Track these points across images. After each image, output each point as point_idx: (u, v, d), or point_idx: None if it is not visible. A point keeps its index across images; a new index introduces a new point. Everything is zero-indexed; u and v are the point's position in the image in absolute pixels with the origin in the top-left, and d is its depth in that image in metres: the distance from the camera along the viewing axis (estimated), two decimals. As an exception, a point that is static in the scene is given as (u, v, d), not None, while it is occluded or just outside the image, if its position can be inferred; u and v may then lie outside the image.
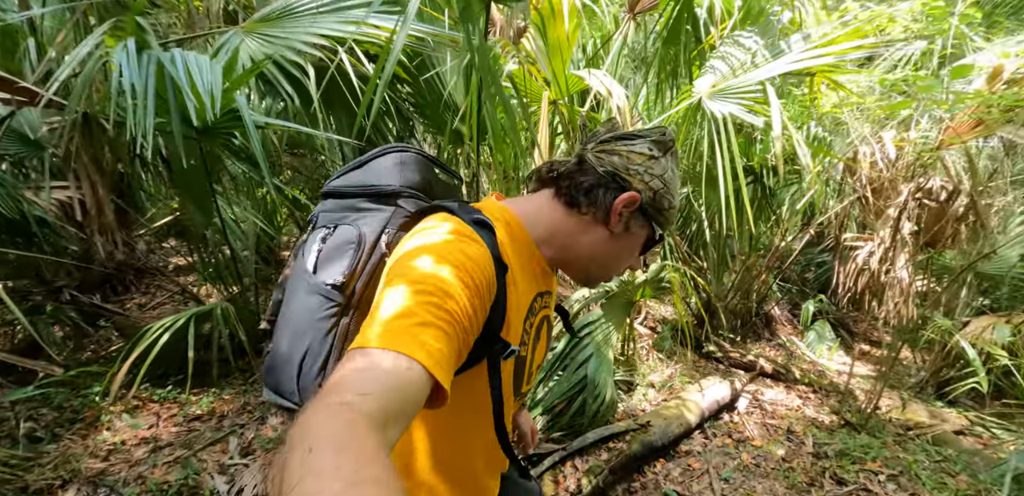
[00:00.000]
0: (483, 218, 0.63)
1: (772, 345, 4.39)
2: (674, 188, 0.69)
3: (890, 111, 2.64)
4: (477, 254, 0.57)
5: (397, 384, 0.43)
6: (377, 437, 0.37)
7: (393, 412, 0.41)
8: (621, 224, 0.68)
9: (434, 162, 0.78)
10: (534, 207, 0.70)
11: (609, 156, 0.67)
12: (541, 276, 0.72)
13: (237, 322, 2.60)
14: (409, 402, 0.43)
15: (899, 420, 3.13)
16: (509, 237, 0.66)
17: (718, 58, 2.34)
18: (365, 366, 0.44)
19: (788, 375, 3.48)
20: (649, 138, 0.68)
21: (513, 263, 0.64)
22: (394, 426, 0.41)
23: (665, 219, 0.70)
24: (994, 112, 2.35)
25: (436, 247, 0.56)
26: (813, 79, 2.40)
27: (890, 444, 2.51)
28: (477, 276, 0.54)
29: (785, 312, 5.03)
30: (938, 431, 3.02)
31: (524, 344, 0.69)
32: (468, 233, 0.59)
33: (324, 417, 0.37)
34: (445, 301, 0.50)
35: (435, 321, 0.49)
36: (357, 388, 0.41)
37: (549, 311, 0.79)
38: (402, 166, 0.72)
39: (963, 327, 3.86)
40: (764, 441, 2.41)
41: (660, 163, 0.67)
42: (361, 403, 0.40)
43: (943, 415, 3.39)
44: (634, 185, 0.66)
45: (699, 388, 2.55)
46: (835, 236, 3.60)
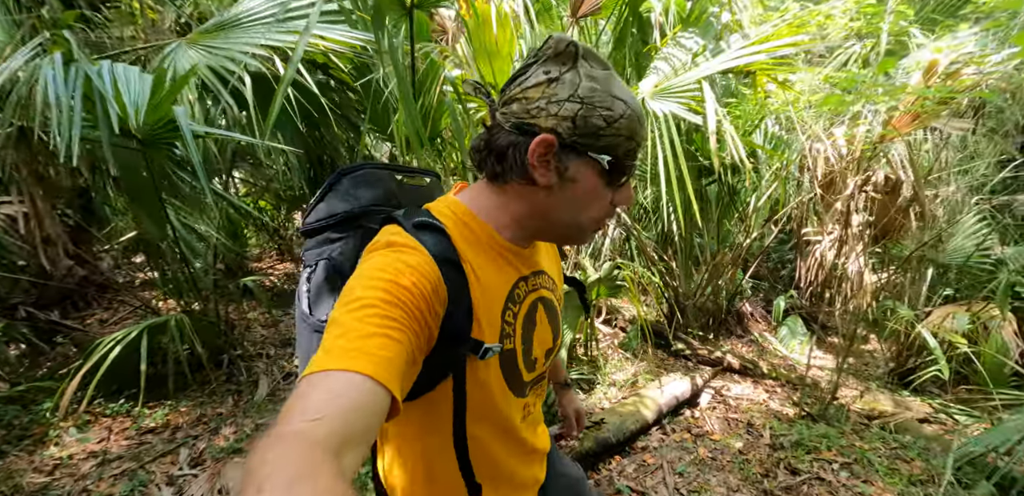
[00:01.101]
0: (426, 220, 0.61)
1: (744, 341, 4.43)
2: (602, 99, 0.57)
3: (833, 107, 2.71)
4: (415, 261, 0.55)
5: (347, 403, 0.41)
6: (331, 466, 0.35)
7: (347, 433, 0.40)
8: (551, 174, 0.59)
9: (396, 169, 0.77)
10: (476, 194, 0.66)
11: (509, 106, 0.59)
12: (517, 260, 0.68)
13: (193, 334, 2.58)
14: (365, 419, 0.42)
15: (862, 410, 3.18)
16: (461, 231, 0.63)
17: (661, 59, 2.39)
18: (310, 391, 0.42)
19: (756, 370, 3.52)
20: (541, 59, 0.59)
21: (470, 257, 0.61)
22: (352, 448, 0.40)
23: (608, 142, 0.59)
24: (928, 105, 2.42)
25: (370, 267, 0.55)
26: (756, 77, 2.46)
27: (848, 433, 2.55)
28: (417, 280, 0.53)
29: (758, 308, 5.09)
30: (900, 419, 3.07)
31: (508, 336, 0.66)
32: (404, 242, 0.58)
33: (275, 451, 0.36)
34: (388, 310, 0.50)
35: (378, 330, 0.48)
36: (305, 415, 0.39)
37: (546, 292, 0.74)
38: (356, 187, 0.72)
39: (926, 317, 3.95)
40: (723, 435, 2.43)
41: (565, 81, 0.57)
42: (311, 430, 0.38)
43: (907, 403, 3.45)
44: (542, 126, 0.57)
45: (659, 385, 2.58)
46: (796, 231, 3.67)
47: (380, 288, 0.51)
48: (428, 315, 0.54)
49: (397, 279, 0.52)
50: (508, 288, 0.66)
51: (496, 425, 0.69)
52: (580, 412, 1.07)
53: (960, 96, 2.26)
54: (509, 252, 0.66)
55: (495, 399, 0.66)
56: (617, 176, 0.62)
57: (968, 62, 2.26)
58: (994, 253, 4.09)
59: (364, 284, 0.52)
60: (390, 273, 0.53)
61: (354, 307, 0.49)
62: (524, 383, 0.71)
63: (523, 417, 0.74)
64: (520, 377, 0.70)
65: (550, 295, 0.75)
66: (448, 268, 0.58)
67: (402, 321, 0.50)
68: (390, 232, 0.60)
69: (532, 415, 0.78)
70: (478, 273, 0.62)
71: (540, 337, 0.72)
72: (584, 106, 0.57)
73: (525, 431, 0.75)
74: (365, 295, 0.50)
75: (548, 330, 0.74)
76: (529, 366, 0.71)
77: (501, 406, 0.67)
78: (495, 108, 0.62)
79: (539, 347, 0.72)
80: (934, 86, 2.47)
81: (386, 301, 0.50)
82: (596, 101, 0.57)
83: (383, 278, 0.52)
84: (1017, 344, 3.69)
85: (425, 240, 0.58)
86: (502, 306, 0.65)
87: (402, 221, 0.61)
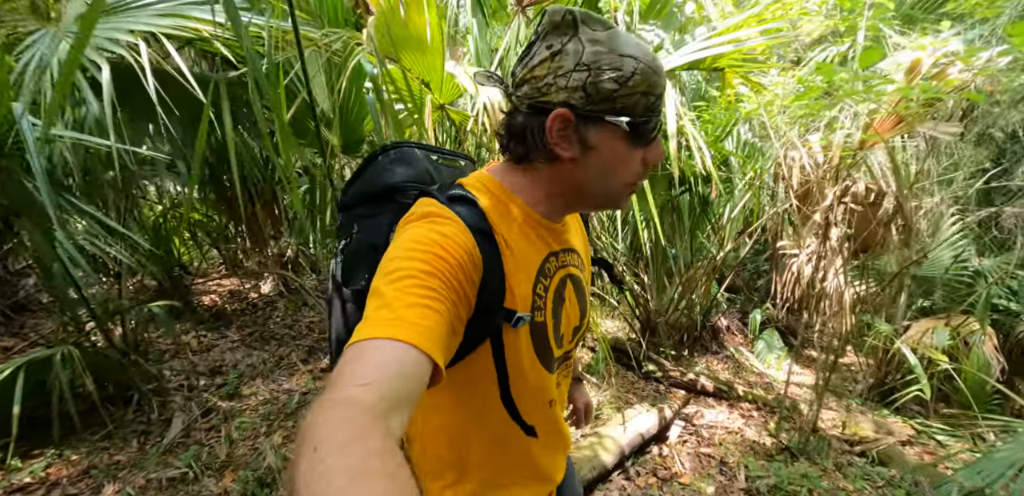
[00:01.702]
0: (460, 193, 0.62)
1: (720, 358, 4.21)
2: (610, 61, 0.56)
3: (809, 108, 2.49)
4: (451, 231, 0.56)
5: (393, 369, 0.43)
6: (380, 428, 0.37)
7: (394, 398, 0.41)
8: (573, 147, 0.60)
9: (432, 150, 0.78)
10: (505, 171, 0.67)
11: (521, 89, 0.60)
12: (549, 236, 0.69)
13: (84, 370, 2.20)
14: (410, 384, 0.43)
15: (844, 435, 2.96)
16: (493, 204, 0.63)
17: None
18: (358, 358, 0.44)
19: (731, 392, 3.27)
20: (541, 35, 0.59)
21: (503, 229, 0.62)
22: (398, 412, 0.41)
23: (625, 103, 0.57)
24: (913, 107, 2.21)
25: (407, 237, 0.56)
26: (724, 75, 2.21)
27: (830, 471, 2.31)
28: (454, 251, 0.54)
29: (735, 321, 4.89)
30: (883, 446, 2.86)
31: (539, 309, 0.66)
32: (440, 212, 0.58)
33: (326, 414, 0.37)
34: (426, 280, 0.51)
35: (420, 300, 0.49)
36: (353, 380, 0.41)
37: (575, 270, 0.74)
38: (393, 164, 0.73)
39: (904, 331, 3.78)
40: (693, 476, 2.16)
41: (567, 52, 0.56)
42: (360, 394, 0.40)
43: (889, 426, 3.24)
44: (554, 101, 0.57)
45: (622, 420, 2.29)
46: (771, 244, 3.45)
47: (419, 258, 0.52)
48: (466, 284, 0.55)
49: (434, 249, 0.53)
50: (539, 262, 0.67)
51: (530, 394, 0.70)
52: (589, 406, 1.08)
53: (947, 97, 2.05)
54: (540, 227, 0.67)
55: (526, 369, 0.67)
56: (641, 135, 0.60)
57: (954, 60, 2.05)
58: (972, 265, 3.96)
59: (403, 255, 0.53)
60: (427, 244, 0.54)
61: (394, 278, 0.51)
62: (554, 358, 0.72)
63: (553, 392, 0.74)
64: (551, 351, 0.70)
65: (579, 273, 0.75)
66: (482, 238, 0.59)
67: (441, 291, 0.51)
68: (425, 203, 0.61)
69: (561, 395, 0.78)
70: (511, 245, 0.63)
71: (568, 313, 0.72)
72: (591, 72, 0.56)
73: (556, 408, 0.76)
74: (404, 265, 0.52)
75: (576, 308, 0.74)
76: (558, 341, 0.72)
77: (531, 377, 0.68)
78: (510, 92, 0.62)
79: (567, 323, 0.73)
80: (918, 86, 2.26)
81: (425, 271, 0.51)
82: (603, 64, 0.56)
83: (421, 249, 0.53)
84: (998, 360, 3.53)
85: (460, 211, 0.59)
86: (534, 278, 0.65)
87: (436, 195, 0.62)
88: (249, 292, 4.47)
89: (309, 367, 3.22)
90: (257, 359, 3.31)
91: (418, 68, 1.96)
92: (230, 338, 3.68)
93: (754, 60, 2.19)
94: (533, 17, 2.30)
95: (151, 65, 1.64)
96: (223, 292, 4.54)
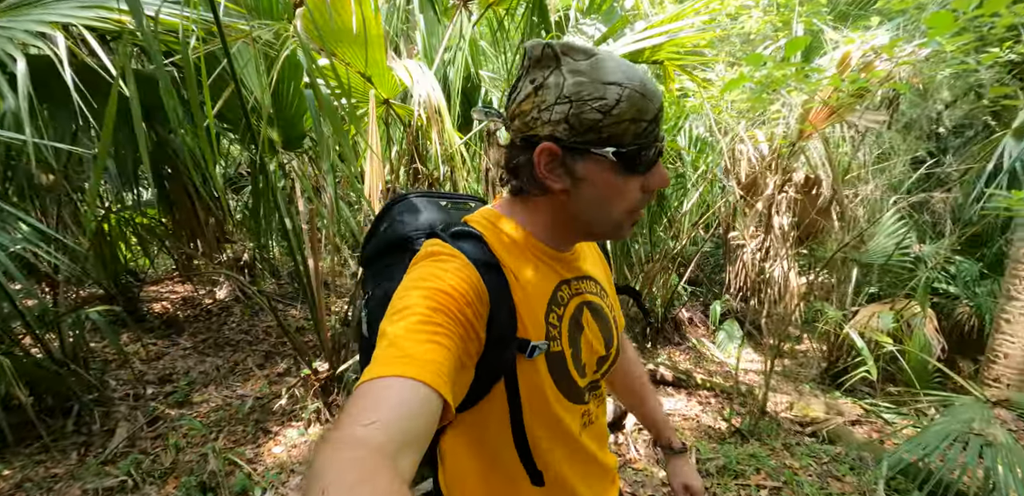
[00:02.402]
0: (463, 229, 0.63)
1: (682, 349, 4.30)
2: (591, 91, 0.55)
3: (752, 104, 2.57)
4: (454, 267, 0.57)
5: (401, 408, 0.42)
6: (389, 469, 0.37)
7: (403, 438, 0.41)
8: (563, 179, 0.60)
9: (439, 196, 0.80)
10: (508, 203, 0.68)
11: (513, 123, 0.61)
12: (556, 264, 0.68)
13: (17, 381, 2.10)
14: (419, 423, 0.43)
15: (795, 417, 3.06)
16: (497, 237, 0.64)
17: (561, 48, 2.15)
18: (365, 397, 0.44)
19: (689, 381, 3.35)
20: (526, 71, 0.59)
21: (509, 261, 0.62)
22: (407, 452, 0.41)
23: (612, 132, 0.56)
24: (843, 97, 2.31)
25: (412, 277, 0.57)
26: (664, 68, 2.26)
27: (779, 450, 2.38)
28: (459, 286, 0.55)
29: (697, 313, 5.00)
30: (832, 425, 2.97)
31: (554, 338, 0.65)
32: (443, 250, 0.60)
33: (333, 456, 0.37)
34: (432, 316, 0.51)
35: (426, 337, 0.49)
36: (360, 420, 0.41)
37: (593, 297, 0.72)
38: (403, 215, 0.75)
39: (853, 316, 3.94)
40: (647, 462, 2.20)
41: (549, 85, 0.56)
42: (367, 435, 0.40)
43: (839, 407, 3.36)
44: (540, 135, 0.58)
45: (578, 409, 2.31)
46: (724, 235, 3.55)
47: (423, 296, 0.53)
48: (473, 318, 0.55)
49: (438, 285, 0.54)
50: (550, 291, 0.66)
51: (552, 429, 0.67)
52: (694, 489, 0.94)
53: (875, 88, 2.14)
54: (546, 256, 0.67)
55: (549, 401, 0.65)
56: (633, 163, 0.59)
57: (880, 52, 2.15)
58: (913, 251, 4.16)
59: (408, 294, 0.54)
60: (431, 281, 0.54)
61: (400, 317, 0.51)
62: (579, 389, 0.69)
63: (583, 425, 0.71)
64: (573, 381, 0.68)
65: (598, 300, 0.73)
66: (487, 271, 0.59)
67: (447, 326, 0.51)
68: (430, 244, 0.62)
69: (595, 425, 0.74)
70: (518, 276, 0.63)
71: (588, 341, 0.70)
72: (572, 104, 0.56)
73: (587, 440, 0.72)
74: (410, 304, 0.52)
75: (598, 336, 0.72)
76: (580, 371, 0.69)
77: (556, 409, 0.66)
78: (508, 126, 0.63)
79: (588, 352, 0.70)
80: (847, 77, 2.36)
81: (431, 308, 0.51)
82: (585, 95, 0.55)
83: (425, 286, 0.54)
84: (938, 340, 3.71)
85: (463, 247, 0.60)
86: (545, 308, 0.65)
87: (440, 234, 0.63)
88: (203, 298, 4.34)
89: (265, 372, 3.14)
90: (210, 366, 3.21)
91: (359, 62, 1.94)
92: (182, 345, 3.55)
93: (695, 53, 2.24)
94: (479, 16, 2.31)
95: (70, 59, 1.58)
96: (176, 299, 4.39)
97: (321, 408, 2.32)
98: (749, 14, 2.43)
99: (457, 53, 2.12)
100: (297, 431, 2.35)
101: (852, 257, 3.59)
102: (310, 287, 2.25)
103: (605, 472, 0.78)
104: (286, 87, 1.98)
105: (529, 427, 0.64)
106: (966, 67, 1.96)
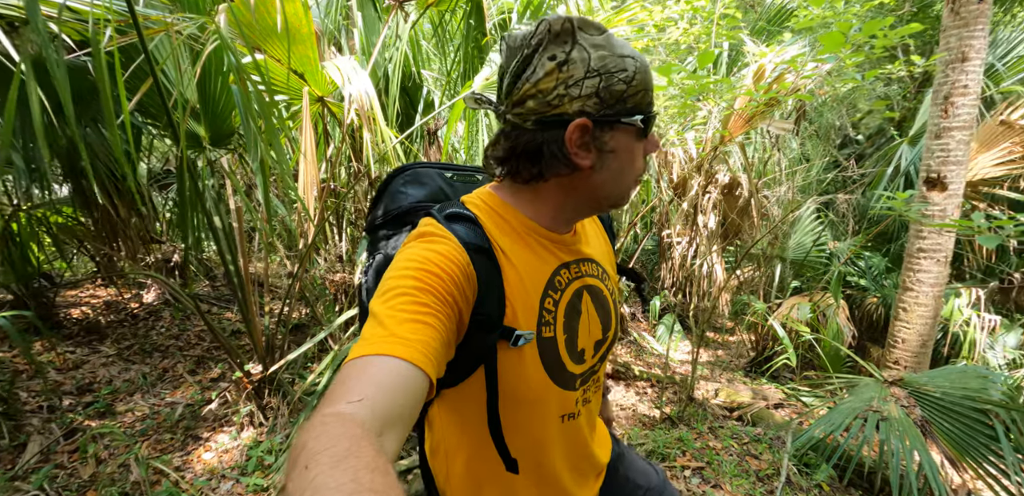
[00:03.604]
0: (457, 211, 0.62)
1: (624, 343, 4.48)
2: (615, 63, 0.56)
3: (681, 110, 2.73)
4: (445, 248, 0.57)
5: (386, 386, 0.43)
6: (372, 445, 0.37)
7: (388, 415, 0.42)
8: (592, 155, 0.60)
9: (445, 168, 0.79)
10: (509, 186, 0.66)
11: (523, 105, 0.58)
12: (556, 247, 0.67)
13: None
14: (403, 400, 0.43)
15: (724, 403, 3.28)
16: (493, 220, 0.64)
17: (496, 51, 2.21)
18: (352, 375, 0.44)
19: (628, 373, 3.50)
20: (542, 45, 0.56)
21: (505, 245, 0.62)
22: (391, 429, 0.42)
23: (635, 102, 0.58)
24: (755, 105, 2.50)
25: (401, 257, 0.57)
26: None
27: (704, 433, 2.55)
28: (447, 267, 0.55)
29: (639, 309, 5.22)
30: (756, 409, 3.20)
31: (547, 324, 0.64)
32: (435, 231, 0.60)
33: (318, 431, 0.37)
34: (419, 296, 0.51)
35: (413, 316, 0.49)
36: (346, 397, 0.41)
37: (593, 280, 0.71)
38: (406, 186, 0.76)
39: (777, 308, 4.26)
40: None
41: (574, 61, 0.56)
42: (353, 411, 0.40)
43: (764, 392, 3.63)
44: (569, 112, 0.57)
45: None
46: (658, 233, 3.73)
47: (411, 276, 0.53)
48: (459, 300, 0.55)
49: (426, 266, 0.54)
50: (548, 275, 0.65)
51: (534, 417, 0.67)
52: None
53: (784, 98, 2.34)
54: (546, 239, 0.66)
55: (533, 388, 0.64)
56: (647, 128, 0.62)
57: (789, 67, 2.35)
58: (828, 248, 4.55)
59: (397, 274, 0.54)
60: (420, 261, 0.55)
61: (388, 297, 0.52)
62: (571, 375, 0.68)
63: (574, 414, 0.71)
64: (564, 367, 0.67)
65: (598, 283, 0.72)
66: (479, 255, 0.59)
67: (434, 306, 0.51)
68: (423, 224, 0.62)
69: (587, 415, 0.74)
70: (513, 260, 0.62)
71: (586, 326, 0.70)
72: (602, 77, 0.56)
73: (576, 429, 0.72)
74: (398, 284, 0.53)
75: (596, 320, 0.71)
76: (575, 357, 0.69)
77: (542, 395, 0.65)
78: (504, 112, 0.61)
79: (585, 337, 0.70)
80: (758, 88, 2.56)
81: (418, 288, 0.52)
82: (611, 67, 0.56)
83: (414, 267, 0.54)
84: (850, 329, 4.08)
85: (456, 229, 0.60)
86: (541, 293, 0.64)
87: (435, 213, 0.63)
88: (129, 302, 4.08)
89: (197, 378, 3.01)
90: (136, 373, 3.03)
91: (288, 58, 1.91)
92: (104, 353, 3.33)
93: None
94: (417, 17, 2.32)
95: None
96: (97, 303, 4.10)
97: (254, 411, 2.27)
98: (675, 25, 2.58)
99: (395, 53, 2.13)
100: (229, 436, 2.28)
101: (775, 254, 3.87)
102: (241, 287, 2.19)
103: (592, 465, 0.78)
104: (213, 82, 1.92)
105: (505, 415, 0.64)
106: (854, 82, 2.19)
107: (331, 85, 2.13)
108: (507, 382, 0.62)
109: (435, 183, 0.77)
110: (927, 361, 3.46)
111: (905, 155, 3.70)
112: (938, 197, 3.03)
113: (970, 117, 2.79)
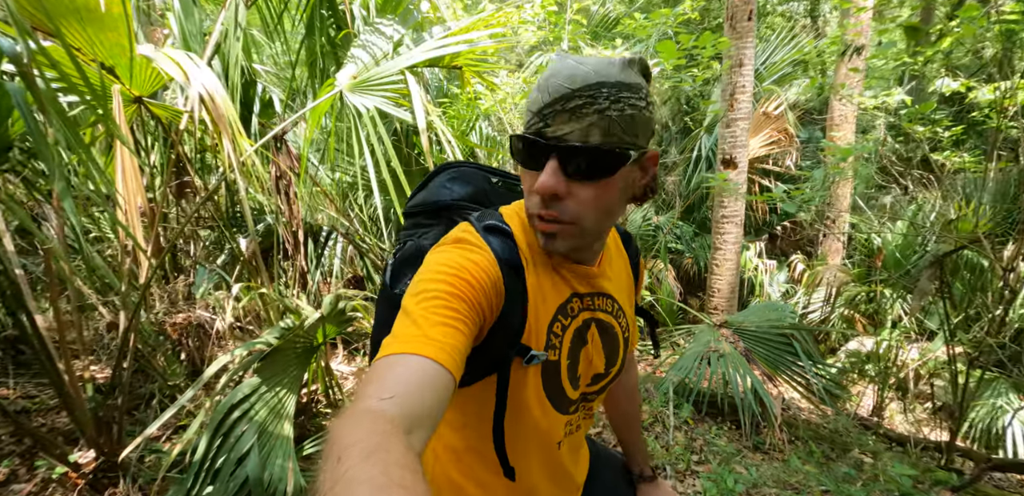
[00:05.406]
0: (496, 224, 0.63)
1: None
2: None
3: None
4: (479, 258, 0.58)
5: (417, 385, 0.45)
6: (402, 441, 0.38)
7: (416, 413, 0.43)
8: None
9: (492, 172, 0.80)
10: None
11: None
12: (573, 277, 0.67)
13: None
14: (432, 401, 0.45)
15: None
16: (527, 237, 0.64)
17: (359, 47, 2.05)
18: (385, 372, 0.46)
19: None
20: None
21: (531, 265, 0.63)
22: (419, 427, 0.42)
23: None
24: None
25: (436, 260, 0.58)
26: (463, 73, 2.36)
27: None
28: (480, 277, 0.56)
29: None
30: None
31: (553, 347, 0.65)
32: (472, 240, 0.61)
33: (350, 425, 0.39)
34: (452, 302, 0.53)
35: (445, 320, 0.51)
36: (379, 393, 0.43)
37: (605, 316, 0.71)
38: (452, 182, 0.76)
39: (622, 277, 4.92)
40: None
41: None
42: (384, 408, 0.41)
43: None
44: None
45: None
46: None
47: (446, 281, 0.54)
48: (486, 311, 0.57)
49: (461, 274, 0.56)
50: (561, 301, 0.66)
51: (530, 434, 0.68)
52: None
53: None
54: (564, 268, 0.67)
55: (532, 407, 0.66)
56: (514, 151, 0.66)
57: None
58: (652, 222, 5.38)
59: (431, 277, 0.56)
60: (455, 268, 0.56)
61: (422, 298, 0.53)
62: (568, 400, 0.70)
63: (565, 434, 0.72)
64: (563, 392, 0.68)
65: (610, 320, 0.72)
66: (509, 271, 0.60)
67: (464, 313, 0.53)
68: (461, 229, 0.64)
69: (574, 437, 0.75)
70: (540, 279, 0.64)
71: (589, 356, 0.70)
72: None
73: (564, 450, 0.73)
74: (432, 287, 0.54)
75: (601, 354, 0.72)
76: (574, 382, 0.70)
77: (537, 415, 0.66)
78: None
79: (586, 366, 0.71)
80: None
81: (451, 294, 0.54)
82: None
83: (449, 272, 0.56)
84: (678, 287, 4.91)
85: (492, 241, 0.61)
86: (551, 317, 0.65)
87: (474, 222, 0.64)
88: None
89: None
90: None
91: (91, 47, 1.51)
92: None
93: (486, 61, 2.40)
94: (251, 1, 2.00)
95: None
96: None
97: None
98: (527, 29, 2.71)
99: (234, 44, 1.83)
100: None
101: (618, 230, 4.43)
102: (45, 349, 1.57)
103: (572, 485, 0.79)
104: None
105: (508, 427, 0.65)
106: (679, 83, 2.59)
107: (154, 83, 1.74)
108: (512, 396, 0.64)
109: (480, 185, 0.77)
110: (736, 304, 4.37)
111: (704, 142, 4.54)
112: (732, 174, 3.80)
113: (748, 110, 3.53)
